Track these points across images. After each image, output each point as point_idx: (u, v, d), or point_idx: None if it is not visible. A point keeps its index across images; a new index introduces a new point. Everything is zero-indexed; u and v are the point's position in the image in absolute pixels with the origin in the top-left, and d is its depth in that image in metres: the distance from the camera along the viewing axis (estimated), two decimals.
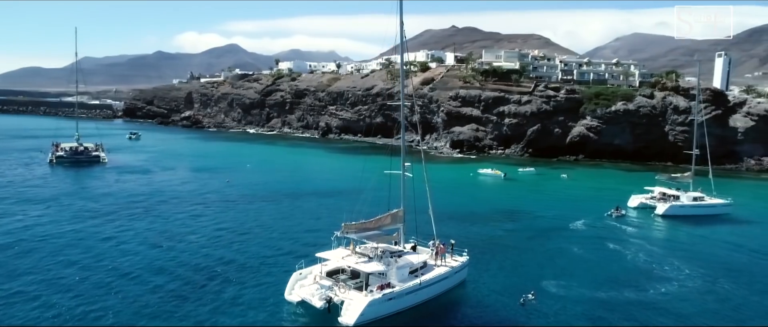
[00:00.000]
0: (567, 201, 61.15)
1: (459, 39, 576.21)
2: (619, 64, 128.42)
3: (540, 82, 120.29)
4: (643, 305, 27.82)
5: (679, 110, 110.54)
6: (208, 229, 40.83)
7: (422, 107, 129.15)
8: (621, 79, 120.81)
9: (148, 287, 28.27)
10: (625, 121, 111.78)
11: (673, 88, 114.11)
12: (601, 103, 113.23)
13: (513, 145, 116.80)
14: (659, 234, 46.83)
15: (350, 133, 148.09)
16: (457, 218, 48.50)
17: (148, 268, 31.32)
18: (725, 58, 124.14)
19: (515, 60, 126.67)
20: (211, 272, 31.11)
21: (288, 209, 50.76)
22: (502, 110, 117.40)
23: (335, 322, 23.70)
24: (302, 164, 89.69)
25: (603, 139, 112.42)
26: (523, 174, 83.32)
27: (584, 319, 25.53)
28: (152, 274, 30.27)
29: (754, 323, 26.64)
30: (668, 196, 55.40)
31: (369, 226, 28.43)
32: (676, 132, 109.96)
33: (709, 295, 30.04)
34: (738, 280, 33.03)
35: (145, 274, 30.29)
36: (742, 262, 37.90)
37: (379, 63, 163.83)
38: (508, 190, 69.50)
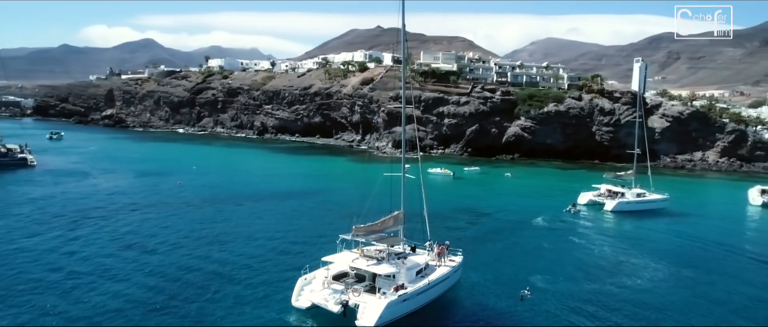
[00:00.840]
0: (520, 199, 63.95)
1: (385, 39, 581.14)
2: (549, 67, 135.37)
3: (477, 83, 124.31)
4: (626, 296, 29.84)
5: (604, 112, 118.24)
6: (182, 236, 38.99)
7: (362, 107, 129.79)
8: (551, 82, 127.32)
9: (142, 300, 26.71)
10: (557, 121, 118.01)
11: (599, 91, 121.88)
12: (534, 104, 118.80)
13: (452, 144, 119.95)
14: (614, 228, 50.13)
15: (287, 133, 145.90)
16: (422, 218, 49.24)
17: (139, 283, 29.52)
18: (642, 63, 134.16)
19: (453, 62, 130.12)
20: (203, 281, 29.84)
21: (255, 211, 49.43)
22: (442, 111, 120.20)
23: (352, 326, 23.60)
24: (250, 165, 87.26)
25: (536, 139, 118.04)
26: (470, 173, 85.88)
27: (582, 312, 26.98)
28: (145, 291, 28.49)
29: (722, 301, 29.28)
30: (614, 193, 59.38)
31: (375, 228, 28.52)
32: (603, 132, 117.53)
33: (678, 282, 32.75)
34: (697, 267, 36.28)
35: (135, 291, 28.55)
36: (692, 250, 41.56)
37: (316, 62, 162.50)
38: (461, 189, 71.52)
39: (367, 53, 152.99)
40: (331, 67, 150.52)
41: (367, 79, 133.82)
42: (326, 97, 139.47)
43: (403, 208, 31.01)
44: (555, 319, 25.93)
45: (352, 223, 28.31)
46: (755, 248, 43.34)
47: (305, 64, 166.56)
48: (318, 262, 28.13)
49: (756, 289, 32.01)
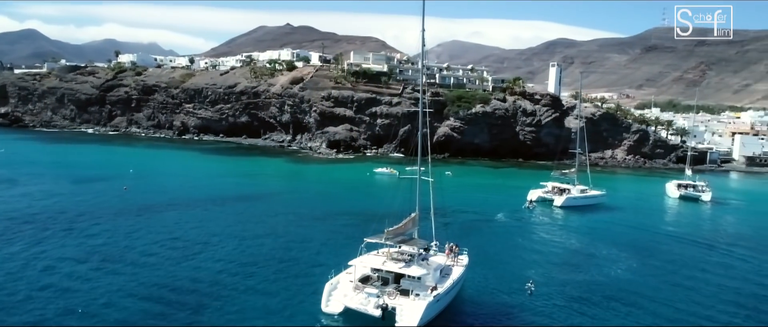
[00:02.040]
0: (473, 196, 66.60)
1: (297, 37, 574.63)
2: (474, 70, 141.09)
3: (407, 84, 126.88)
4: (615, 285, 32.48)
5: (527, 113, 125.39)
6: (164, 246, 36.73)
7: (293, 107, 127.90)
8: (477, 84, 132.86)
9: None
10: (484, 122, 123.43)
11: (521, 94, 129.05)
12: (462, 105, 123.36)
13: (385, 144, 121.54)
14: (572, 222, 53.73)
15: (211, 133, 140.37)
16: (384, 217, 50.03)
17: (123, 306, 27.60)
18: (557, 68, 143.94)
19: (383, 63, 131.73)
20: (216, 291, 28.55)
21: (223, 215, 47.54)
22: (375, 111, 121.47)
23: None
24: (189, 167, 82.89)
25: (465, 139, 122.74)
26: (412, 172, 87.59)
27: (587, 302, 29.06)
28: (163, 306, 26.79)
29: (691, 286, 32.74)
30: (560, 189, 63.67)
31: (400, 230, 28.88)
32: (526, 132, 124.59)
33: (649, 270, 36.07)
34: (656, 255, 40.24)
35: (124, 306, 26.72)
36: (644, 239, 45.94)
37: (239, 60, 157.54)
38: (412, 187, 72.93)
39: (294, 52, 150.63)
40: (257, 66, 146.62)
41: (296, 79, 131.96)
42: (253, 97, 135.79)
43: (418, 210, 31.49)
44: (567, 310, 27.71)
45: (369, 228, 28.52)
46: (694, 234, 48.75)
47: (227, 62, 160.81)
48: (340, 266, 28.02)
49: (713, 275, 35.99)
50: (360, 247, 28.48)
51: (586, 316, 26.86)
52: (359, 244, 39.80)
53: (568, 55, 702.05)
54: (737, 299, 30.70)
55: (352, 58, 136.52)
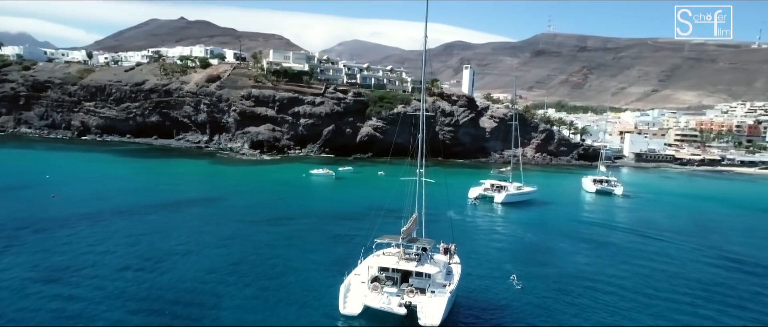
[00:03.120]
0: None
1: (194, 32, 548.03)
2: (393, 71, 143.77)
3: (329, 84, 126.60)
4: (586, 274, 35.24)
5: (445, 113, 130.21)
6: (127, 255, 34.19)
7: (210, 106, 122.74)
8: (396, 85, 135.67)
9: None
10: (404, 122, 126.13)
11: (439, 94, 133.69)
12: (384, 105, 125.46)
13: (309, 144, 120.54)
14: (517, 217, 56.97)
15: (116, 134, 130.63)
16: (343, 218, 50.57)
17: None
18: (470, 70, 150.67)
19: (304, 62, 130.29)
20: (208, 299, 27.28)
21: (180, 221, 44.95)
22: (297, 111, 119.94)
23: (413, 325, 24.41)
24: (109, 170, 76.39)
25: (387, 138, 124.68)
26: (345, 173, 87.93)
27: (569, 293, 31.41)
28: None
29: (645, 273, 36.50)
30: (498, 186, 67.32)
31: (409, 230, 29.46)
32: (445, 132, 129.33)
33: (606, 259, 39.52)
34: (604, 245, 44.13)
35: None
36: (587, 230, 50.12)
37: (145, 56, 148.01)
38: (355, 188, 73.49)
39: (207, 49, 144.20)
40: (166, 62, 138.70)
41: (212, 76, 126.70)
42: (165, 95, 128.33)
43: (418, 211, 32.21)
44: (561, 303, 29.73)
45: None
46: (624, 224, 54.30)
47: (131, 57, 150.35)
48: (350, 267, 28.11)
49: (659, 262, 40.21)
50: (362, 248, 28.75)
51: (580, 307, 29.05)
52: (335, 245, 39.95)
53: (465, 57, 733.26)
54: (688, 283, 34.67)
55: (271, 57, 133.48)
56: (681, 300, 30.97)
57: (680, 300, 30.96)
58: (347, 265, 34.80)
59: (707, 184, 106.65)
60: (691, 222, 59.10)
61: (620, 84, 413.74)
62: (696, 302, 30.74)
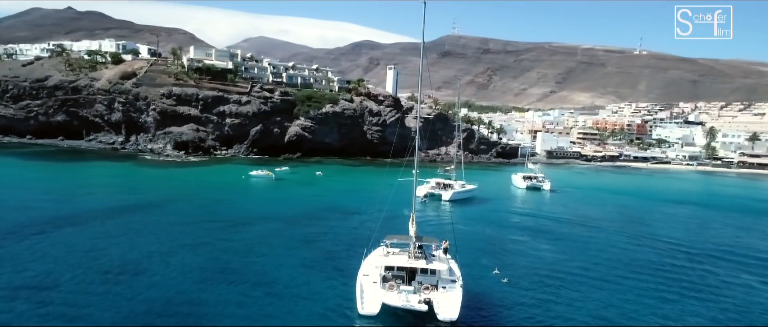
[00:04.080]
0: (364, 194, 69.25)
1: (86, 24, 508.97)
2: (319, 70, 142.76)
3: (255, 83, 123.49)
4: (556, 267, 37.72)
5: (373, 113, 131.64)
6: (90, 270, 31.64)
7: (126, 105, 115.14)
8: (323, 84, 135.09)
9: None
10: (334, 121, 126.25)
11: (366, 94, 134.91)
12: (312, 105, 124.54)
13: (236, 145, 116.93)
14: (469, 213, 59.18)
15: (14, 134, 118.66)
16: (304, 219, 50.33)
17: None
18: (394, 70, 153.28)
19: (227, 59, 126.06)
20: (212, 309, 26.25)
21: (133, 229, 42.04)
22: (223, 110, 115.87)
23: (432, 321, 25.20)
24: (23, 176, 69.29)
25: (316, 138, 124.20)
26: (282, 173, 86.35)
27: (550, 284, 33.65)
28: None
29: (603, 261, 39.85)
30: (444, 185, 69.61)
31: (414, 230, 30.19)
32: (373, 131, 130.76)
33: (564, 251, 42.47)
34: (559, 238, 47.37)
35: None
36: (536, 224, 53.40)
37: (45, 49, 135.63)
38: (299, 189, 72.60)
39: (119, 43, 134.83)
40: (71, 56, 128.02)
41: (127, 73, 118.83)
42: (72, 92, 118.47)
43: (414, 210, 32.90)
44: (550, 294, 31.71)
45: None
46: (565, 217, 58.40)
47: (29, 51, 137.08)
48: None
49: (614, 251, 43.90)
50: (364, 250, 29.21)
51: (569, 298, 31.15)
52: (309, 246, 39.69)
53: (374, 57, 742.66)
54: (643, 268, 38.32)
55: (192, 53, 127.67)
56: (646, 284, 34.25)
57: (645, 284, 34.24)
58: (339, 266, 35.04)
59: (615, 179, 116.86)
60: (619, 213, 64.83)
61: (522, 85, 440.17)
62: (660, 285, 34.16)
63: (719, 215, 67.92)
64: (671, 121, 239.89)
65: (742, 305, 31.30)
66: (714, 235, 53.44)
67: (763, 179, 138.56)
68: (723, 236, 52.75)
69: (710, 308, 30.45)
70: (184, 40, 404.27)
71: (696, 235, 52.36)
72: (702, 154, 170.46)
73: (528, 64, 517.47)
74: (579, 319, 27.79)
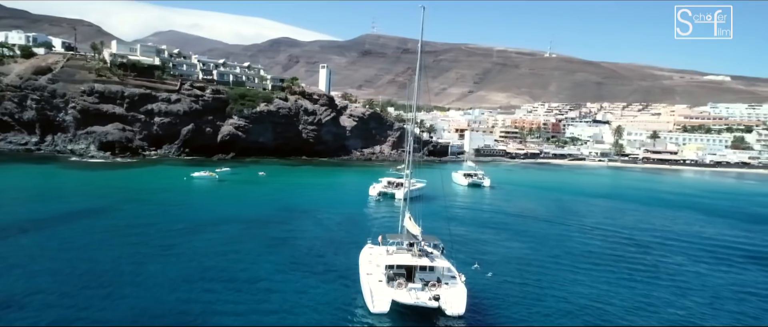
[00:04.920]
0: (319, 195, 69.22)
1: None
2: (251, 68, 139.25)
3: (185, 80, 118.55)
4: (531, 259, 39.89)
5: (308, 112, 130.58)
6: (67, 283, 29.67)
7: (40, 102, 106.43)
8: (256, 82, 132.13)
9: None
10: (268, 120, 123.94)
11: (301, 93, 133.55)
12: (246, 104, 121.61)
13: (166, 145, 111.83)
14: (424, 210, 59.64)
15: None
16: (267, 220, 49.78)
17: None
18: (327, 69, 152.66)
19: (154, 55, 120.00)
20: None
21: (95, 236, 39.39)
22: (151, 109, 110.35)
23: (439, 316, 26.18)
24: None
25: (250, 138, 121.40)
26: (225, 174, 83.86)
27: (530, 273, 35.69)
28: None
29: (568, 253, 42.78)
30: (397, 183, 70.76)
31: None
32: (308, 131, 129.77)
33: (531, 245, 44.96)
34: (523, 233, 50.01)
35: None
36: (494, 219, 55.90)
37: None
38: (249, 189, 70.98)
39: (29, 35, 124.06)
40: None
41: (41, 68, 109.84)
42: None
43: (408, 211, 33.63)
44: (526, 285, 33.67)
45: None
46: (515, 211, 61.47)
47: None
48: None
49: (573, 243, 47.03)
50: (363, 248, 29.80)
51: (553, 288, 33.19)
52: (282, 247, 39.40)
53: (293, 55, 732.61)
54: (605, 255, 41.49)
55: (114, 48, 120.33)
56: (611, 269, 37.26)
57: (610, 269, 37.25)
58: (328, 265, 35.16)
59: (542, 175, 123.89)
60: (559, 207, 69.23)
61: (441, 85, 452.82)
62: (622, 270, 37.30)
63: (642, 206, 74.14)
64: (581, 120, 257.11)
65: (686, 283, 34.88)
66: (646, 224, 58.48)
67: (664, 173, 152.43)
68: (654, 225, 57.91)
69: (664, 287, 33.65)
70: (90, 33, 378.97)
71: (631, 225, 57.05)
72: (612, 150, 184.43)
73: (446, 65, 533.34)
74: (577, 302, 29.90)
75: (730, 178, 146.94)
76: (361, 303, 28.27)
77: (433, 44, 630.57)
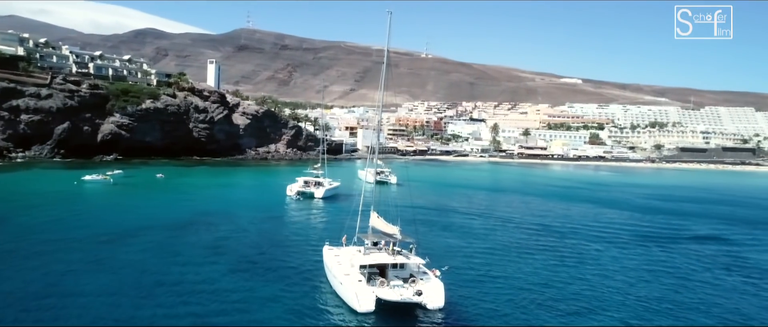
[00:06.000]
0: (233, 195, 66.52)
1: None
2: (133, 61, 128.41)
3: (56, 74, 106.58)
4: (464, 250, 42.17)
5: (199, 110, 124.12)
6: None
7: None
8: (139, 77, 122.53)
9: None
10: (155, 119, 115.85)
11: (190, 90, 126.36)
12: (130, 100, 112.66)
13: (36, 145, 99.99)
14: (347, 208, 60.61)
15: None
16: (178, 227, 47.15)
17: None
18: (216, 65, 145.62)
19: (16, 44, 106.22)
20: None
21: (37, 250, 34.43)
22: (16, 105, 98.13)
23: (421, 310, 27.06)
24: None
25: (136, 137, 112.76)
26: (118, 177, 77.12)
27: (493, 270, 37.75)
28: None
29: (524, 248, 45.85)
30: (315, 182, 70.02)
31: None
32: (200, 129, 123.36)
33: (457, 234, 47.46)
34: (463, 230, 52.32)
35: None
36: (423, 216, 57.70)
37: None
38: (151, 194, 65.80)
39: None
40: None
41: None
42: None
43: (374, 209, 33.81)
44: (484, 273, 35.64)
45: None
46: (435, 207, 63.93)
47: None
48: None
49: (497, 234, 50.09)
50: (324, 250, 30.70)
51: (506, 276, 35.35)
52: (222, 252, 37.83)
53: (161, 47, 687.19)
54: (531, 246, 44.70)
55: None
56: (546, 256, 40.60)
57: (546, 256, 40.58)
58: (283, 267, 34.24)
59: (436, 171, 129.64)
60: (469, 201, 73.38)
61: (323, 82, 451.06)
62: (561, 256, 40.83)
63: (538, 198, 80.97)
64: (458, 119, 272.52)
65: (609, 264, 39.31)
66: (551, 214, 64.14)
67: (537, 167, 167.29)
68: (558, 214, 63.72)
69: (592, 268, 37.57)
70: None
71: (539, 215, 62.29)
72: (491, 147, 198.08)
73: (327, 62, 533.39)
74: (534, 287, 32.21)
75: (590, 170, 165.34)
76: (337, 303, 28.23)
77: (311, 41, 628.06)
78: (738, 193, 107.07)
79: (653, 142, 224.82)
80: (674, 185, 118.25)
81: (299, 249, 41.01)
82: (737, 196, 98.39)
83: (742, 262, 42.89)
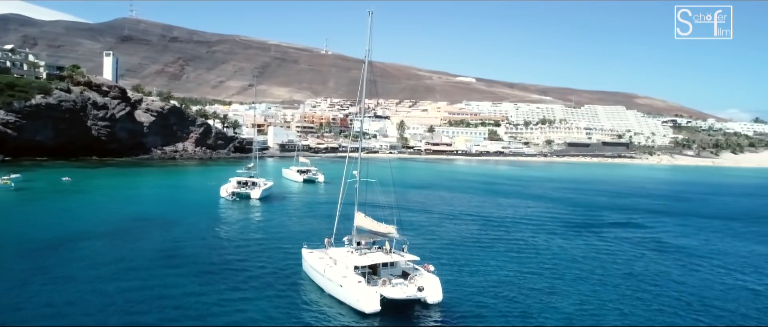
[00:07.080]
0: (150, 197, 62.58)
1: None
2: (16, 51, 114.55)
3: None
4: (439, 244, 42.90)
5: (98, 106, 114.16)
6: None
7: None
8: (25, 69, 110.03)
9: None
10: (47, 116, 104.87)
11: (87, 84, 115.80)
12: (17, 95, 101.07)
13: None
14: (288, 208, 59.37)
15: None
16: (114, 234, 43.93)
17: None
18: (113, 57, 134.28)
19: None
20: None
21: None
22: None
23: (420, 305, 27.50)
24: None
25: (25, 136, 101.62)
26: (18, 181, 68.99)
27: (471, 266, 38.78)
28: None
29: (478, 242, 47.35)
30: (251, 183, 67.18)
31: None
32: (99, 127, 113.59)
33: (414, 229, 48.25)
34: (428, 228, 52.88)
35: None
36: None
37: None
38: (62, 200, 59.27)
39: None
40: None
41: None
42: None
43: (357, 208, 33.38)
44: (467, 267, 36.52)
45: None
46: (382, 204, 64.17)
47: None
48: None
49: (461, 227, 51.47)
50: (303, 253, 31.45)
51: (480, 266, 36.64)
52: (174, 258, 35.81)
53: (29, 35, 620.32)
54: (494, 238, 46.74)
55: None
56: (505, 248, 42.60)
57: (506, 248, 42.57)
58: (258, 272, 33.01)
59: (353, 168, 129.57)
60: (404, 198, 72.98)
61: (219, 77, 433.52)
62: (517, 247, 42.97)
63: (467, 194, 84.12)
64: (364, 115, 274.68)
65: (560, 252, 42.28)
66: (488, 208, 66.99)
67: (443, 163, 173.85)
68: (493, 208, 66.85)
69: (548, 256, 40.14)
70: None
71: (476, 210, 64.94)
72: (399, 143, 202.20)
73: (222, 57, 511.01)
74: (509, 276, 33.72)
75: (492, 165, 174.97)
76: (331, 304, 27.86)
77: (203, 34, 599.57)
78: (628, 183, 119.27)
79: (544, 138, 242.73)
80: (581, 179, 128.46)
81: (263, 251, 39.73)
82: (631, 186, 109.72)
83: (665, 246, 48.00)
